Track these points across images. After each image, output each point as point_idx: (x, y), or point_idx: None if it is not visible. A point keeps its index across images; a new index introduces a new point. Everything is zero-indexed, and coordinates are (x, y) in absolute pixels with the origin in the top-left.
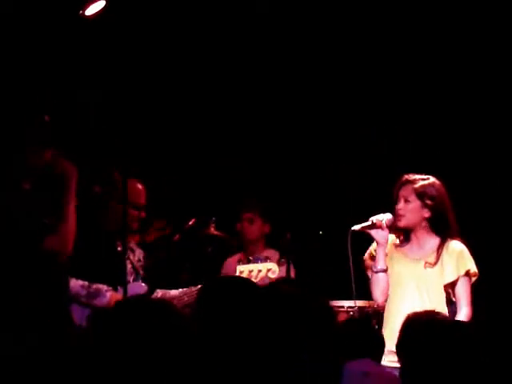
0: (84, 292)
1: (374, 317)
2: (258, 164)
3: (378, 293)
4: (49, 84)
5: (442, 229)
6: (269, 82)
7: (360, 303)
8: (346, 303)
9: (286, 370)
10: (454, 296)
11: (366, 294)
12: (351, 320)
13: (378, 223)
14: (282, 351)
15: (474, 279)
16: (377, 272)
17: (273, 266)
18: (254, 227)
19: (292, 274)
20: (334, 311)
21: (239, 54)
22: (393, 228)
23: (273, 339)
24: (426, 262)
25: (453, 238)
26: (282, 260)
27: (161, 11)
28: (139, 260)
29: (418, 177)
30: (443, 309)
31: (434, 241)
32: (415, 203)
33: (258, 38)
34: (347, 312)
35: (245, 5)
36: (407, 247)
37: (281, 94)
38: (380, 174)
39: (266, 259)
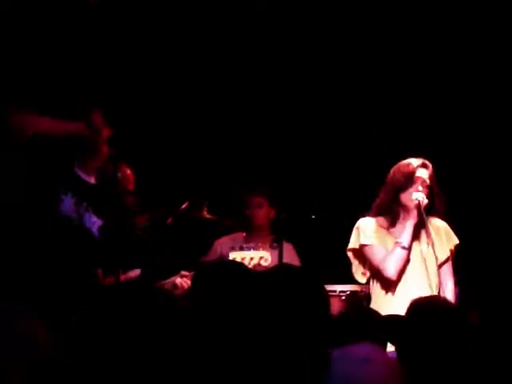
0: None
1: (365, 301)
2: (252, 147)
3: (396, 269)
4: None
5: (435, 211)
6: (268, 72)
7: (353, 287)
8: (339, 287)
9: (281, 356)
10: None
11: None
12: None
13: (421, 202)
14: (276, 338)
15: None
16: (403, 248)
17: (265, 254)
18: (263, 212)
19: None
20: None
21: (240, 51)
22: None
23: (267, 324)
24: (423, 241)
25: (434, 215)
26: (275, 244)
27: (162, 10)
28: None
29: (425, 161)
30: (436, 286)
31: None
32: (428, 189)
33: (259, 38)
34: (339, 296)
35: (245, 5)
36: (396, 230)
37: (277, 82)
38: (374, 160)
39: (258, 247)
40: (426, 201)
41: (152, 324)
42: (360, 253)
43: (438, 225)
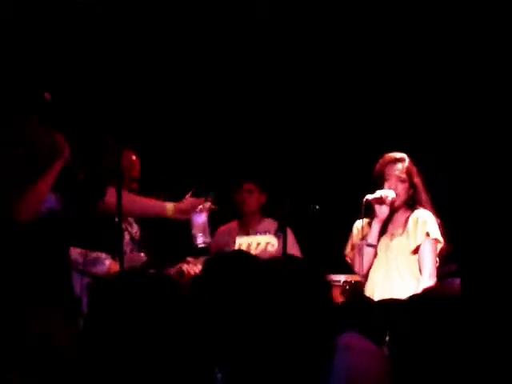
0: (83, 259)
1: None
2: (255, 136)
3: (362, 264)
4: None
5: (419, 203)
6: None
7: (356, 278)
8: (342, 277)
9: (285, 346)
10: (418, 260)
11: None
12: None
13: (384, 198)
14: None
15: (439, 247)
16: (368, 245)
17: (271, 239)
18: (253, 198)
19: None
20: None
21: (239, 49)
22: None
23: (272, 314)
24: (391, 235)
25: (421, 207)
26: (279, 233)
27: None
28: (136, 232)
29: (400, 155)
30: (411, 275)
31: (405, 214)
32: (407, 182)
33: (260, 42)
34: (343, 286)
35: (245, 11)
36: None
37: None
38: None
39: (265, 232)
40: (391, 196)
41: (158, 313)
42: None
43: (417, 215)
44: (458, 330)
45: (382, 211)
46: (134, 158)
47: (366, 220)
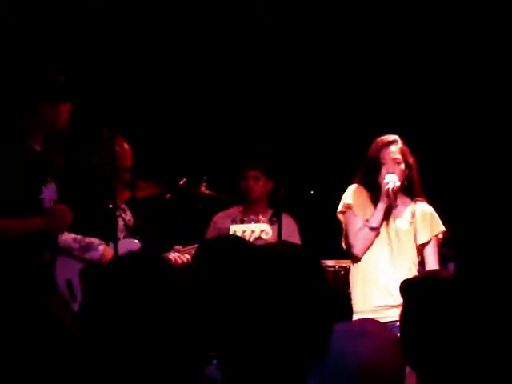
0: (76, 245)
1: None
2: (252, 121)
3: (362, 247)
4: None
5: (414, 187)
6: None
7: (347, 263)
8: (334, 263)
9: (280, 331)
10: (422, 255)
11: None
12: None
13: (394, 185)
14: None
15: (440, 236)
16: (372, 229)
17: (266, 226)
18: (259, 185)
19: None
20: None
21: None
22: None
23: (267, 300)
24: (398, 217)
25: (420, 197)
26: (274, 219)
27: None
28: (129, 220)
29: (393, 137)
30: (415, 265)
31: (406, 200)
32: (403, 164)
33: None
34: (337, 272)
35: (245, 11)
36: (376, 200)
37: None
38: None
39: (259, 220)
40: (397, 183)
41: (154, 298)
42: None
43: (424, 209)
44: (454, 313)
45: (385, 200)
46: (126, 146)
47: (360, 188)
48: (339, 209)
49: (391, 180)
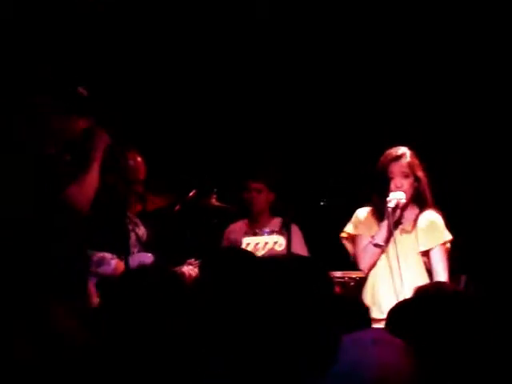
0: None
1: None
2: (260, 132)
3: (367, 263)
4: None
5: (424, 198)
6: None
7: (359, 274)
8: (342, 274)
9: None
10: (430, 264)
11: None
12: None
13: (399, 202)
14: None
15: (448, 246)
16: (376, 245)
17: (279, 238)
18: (262, 197)
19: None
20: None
21: (241, 47)
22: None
23: (273, 311)
24: (402, 229)
25: (429, 207)
26: (284, 231)
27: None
28: (143, 234)
29: (401, 150)
30: (422, 274)
31: (414, 211)
32: (411, 177)
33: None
34: (347, 283)
35: (245, 11)
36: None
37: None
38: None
39: (272, 232)
40: (402, 200)
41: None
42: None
43: (428, 217)
44: (464, 326)
45: (390, 217)
46: (139, 159)
47: (367, 209)
48: (342, 233)
49: (394, 198)
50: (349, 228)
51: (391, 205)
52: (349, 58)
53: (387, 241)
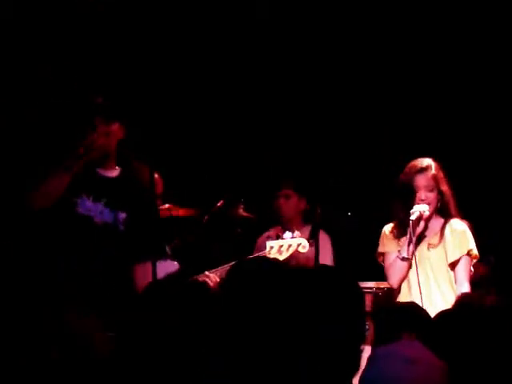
0: None
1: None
2: (288, 143)
3: (396, 278)
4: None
5: (448, 209)
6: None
7: (387, 285)
8: (374, 285)
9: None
10: (455, 275)
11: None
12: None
13: (422, 214)
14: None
15: (474, 261)
16: (403, 259)
17: (303, 240)
18: (291, 203)
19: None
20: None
21: (251, 53)
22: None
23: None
24: (428, 244)
25: (455, 216)
26: (311, 241)
27: (170, 13)
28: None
29: (426, 162)
30: (450, 288)
31: (438, 222)
32: (435, 190)
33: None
34: (376, 294)
35: (245, 11)
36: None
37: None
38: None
39: (296, 234)
40: (426, 213)
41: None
42: None
43: (455, 227)
44: (497, 341)
45: (413, 230)
46: (156, 175)
47: (391, 225)
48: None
49: (417, 210)
50: (379, 247)
51: (413, 217)
52: (348, 58)
53: (413, 253)
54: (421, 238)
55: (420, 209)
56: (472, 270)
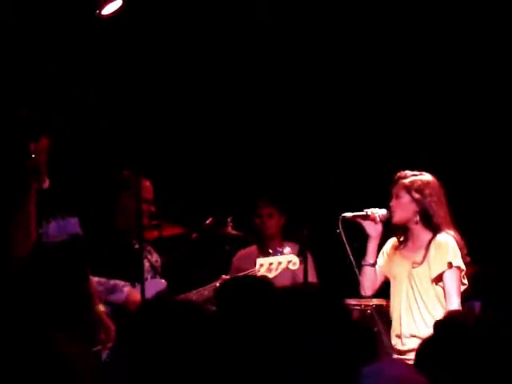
0: (101, 288)
1: (384, 315)
2: (273, 159)
3: (366, 285)
4: (61, 83)
5: (432, 223)
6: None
7: (376, 301)
8: (363, 302)
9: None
10: (444, 290)
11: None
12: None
13: (371, 215)
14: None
15: (462, 273)
16: (364, 265)
17: (293, 257)
18: (273, 221)
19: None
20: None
21: (245, 57)
22: (392, 227)
23: (287, 339)
24: (413, 262)
25: (443, 230)
26: (300, 259)
27: (170, 14)
28: (156, 261)
29: (409, 173)
30: (438, 304)
31: (426, 237)
32: (405, 198)
33: (262, 42)
34: (364, 310)
35: (246, 11)
36: (404, 246)
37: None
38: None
39: (286, 251)
40: (378, 214)
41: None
42: None
43: (438, 241)
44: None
45: (373, 229)
46: (147, 183)
47: (393, 240)
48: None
49: (373, 210)
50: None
51: (348, 214)
52: (348, 59)
53: (374, 256)
54: (407, 251)
55: (374, 210)
56: (463, 281)
